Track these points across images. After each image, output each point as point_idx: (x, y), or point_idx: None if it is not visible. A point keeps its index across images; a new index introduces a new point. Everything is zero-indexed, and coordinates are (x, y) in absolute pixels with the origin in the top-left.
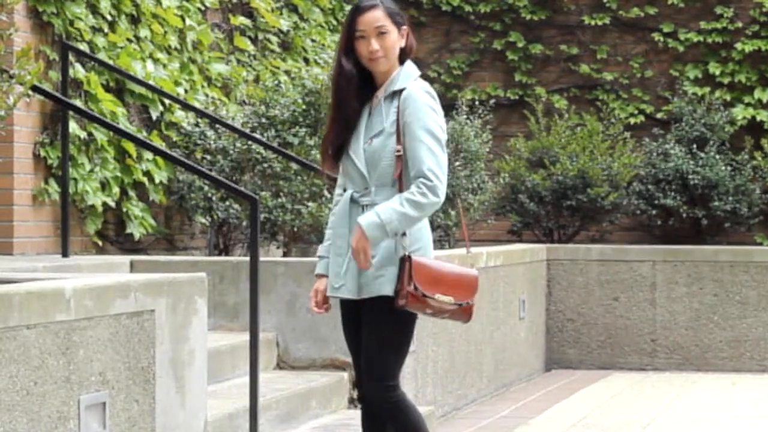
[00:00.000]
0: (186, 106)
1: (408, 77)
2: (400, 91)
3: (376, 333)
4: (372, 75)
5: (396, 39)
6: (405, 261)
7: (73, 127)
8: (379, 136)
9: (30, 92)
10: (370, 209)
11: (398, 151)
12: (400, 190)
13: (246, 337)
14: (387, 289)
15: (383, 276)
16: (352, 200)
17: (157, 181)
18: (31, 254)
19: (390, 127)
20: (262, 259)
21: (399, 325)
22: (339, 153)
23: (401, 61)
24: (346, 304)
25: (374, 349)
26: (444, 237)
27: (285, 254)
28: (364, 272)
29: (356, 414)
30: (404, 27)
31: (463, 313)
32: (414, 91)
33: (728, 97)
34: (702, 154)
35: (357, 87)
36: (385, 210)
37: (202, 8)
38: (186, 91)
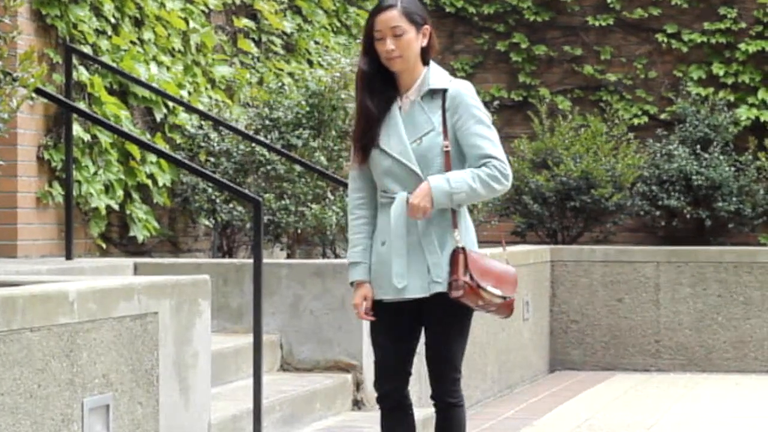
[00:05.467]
0: (190, 109)
1: (442, 76)
2: (441, 90)
3: (446, 328)
4: (393, 74)
5: (412, 39)
6: (458, 253)
7: (76, 129)
8: (429, 134)
9: (33, 95)
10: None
11: (446, 147)
12: None
13: (250, 339)
14: None
15: None
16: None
17: (160, 183)
18: (34, 257)
19: (439, 126)
20: (265, 261)
21: (465, 318)
22: (366, 149)
23: (425, 61)
24: (396, 304)
25: (444, 345)
26: None
27: (289, 256)
28: (432, 269)
29: (360, 416)
30: (425, 26)
31: (507, 307)
32: (462, 89)
33: (732, 98)
34: (706, 155)
35: (377, 86)
36: (456, 179)
37: (206, 11)
38: (190, 93)
